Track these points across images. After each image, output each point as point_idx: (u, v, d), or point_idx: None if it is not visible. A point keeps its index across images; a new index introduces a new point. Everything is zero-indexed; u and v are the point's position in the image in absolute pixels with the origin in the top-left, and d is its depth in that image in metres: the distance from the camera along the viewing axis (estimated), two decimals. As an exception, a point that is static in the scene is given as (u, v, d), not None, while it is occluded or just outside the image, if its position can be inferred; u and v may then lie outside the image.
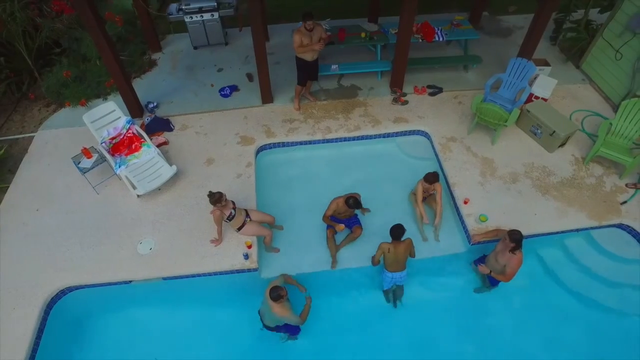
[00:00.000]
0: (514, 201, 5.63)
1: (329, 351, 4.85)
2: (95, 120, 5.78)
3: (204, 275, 5.08)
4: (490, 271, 4.66)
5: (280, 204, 5.82)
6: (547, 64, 7.08)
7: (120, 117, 5.97)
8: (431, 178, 5.18)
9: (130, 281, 5.11)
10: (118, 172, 5.61)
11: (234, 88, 7.18)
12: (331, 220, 5.24)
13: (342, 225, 5.15)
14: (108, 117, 5.89)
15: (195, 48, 8.09)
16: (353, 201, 4.86)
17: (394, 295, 5.14)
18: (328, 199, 5.20)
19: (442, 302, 5.20)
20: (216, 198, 4.74)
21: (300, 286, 4.83)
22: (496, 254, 4.64)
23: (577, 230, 5.49)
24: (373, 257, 4.83)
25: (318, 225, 5.49)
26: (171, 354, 4.84)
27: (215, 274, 5.08)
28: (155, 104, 6.86)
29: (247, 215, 5.19)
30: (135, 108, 6.65)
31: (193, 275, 5.08)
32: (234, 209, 5.02)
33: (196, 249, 5.15)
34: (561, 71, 7.43)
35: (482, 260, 5.02)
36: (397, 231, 4.59)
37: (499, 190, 5.75)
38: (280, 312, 4.29)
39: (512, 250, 4.46)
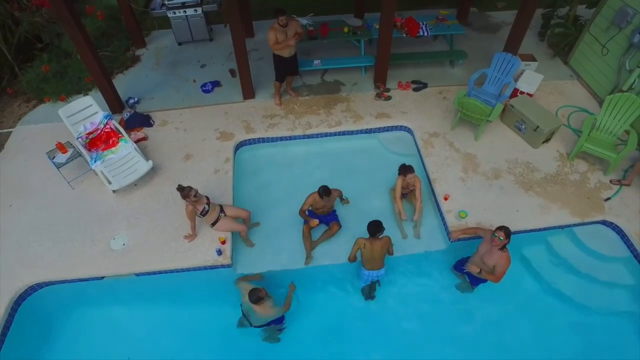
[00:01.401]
0: (495, 197, 5.52)
1: (304, 349, 4.75)
2: (71, 115, 5.71)
3: (177, 271, 4.99)
4: (480, 270, 4.51)
5: (258, 200, 5.73)
6: (533, 59, 6.99)
7: (97, 112, 5.90)
8: (405, 170, 5.08)
9: (103, 277, 5.03)
10: (93, 167, 5.53)
11: (216, 84, 7.10)
12: (307, 215, 5.15)
13: (316, 221, 5.06)
14: (85, 111, 5.82)
15: (179, 44, 8.03)
16: (323, 190, 4.78)
17: (369, 289, 5.03)
18: (306, 195, 5.11)
19: (421, 300, 5.08)
20: (185, 192, 4.65)
21: (257, 276, 4.81)
22: (482, 256, 4.47)
23: (561, 227, 5.38)
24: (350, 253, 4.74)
25: (296, 221, 5.39)
26: (145, 352, 4.75)
27: (188, 270, 4.99)
28: (136, 99, 6.79)
29: (222, 210, 5.10)
30: (115, 104, 6.58)
31: (166, 271, 4.99)
32: (208, 204, 4.93)
33: (169, 245, 5.07)
34: (549, 67, 7.34)
35: (462, 264, 4.89)
36: (374, 228, 4.47)
37: (480, 187, 5.65)
38: (264, 312, 4.22)
39: (502, 248, 4.35)
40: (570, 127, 6.42)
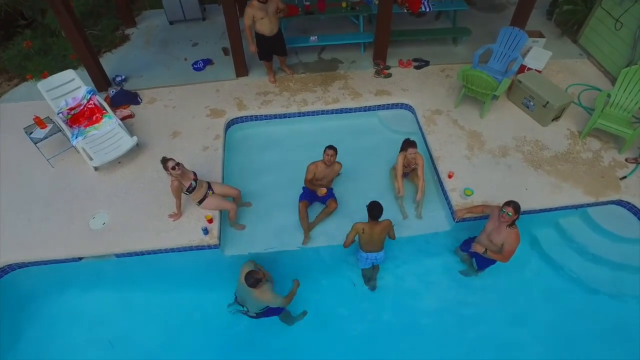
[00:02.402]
0: (503, 176, 5.16)
1: (300, 332, 4.41)
2: (51, 89, 5.37)
3: (160, 252, 4.64)
4: (486, 249, 4.15)
5: (250, 180, 5.38)
6: (541, 35, 6.64)
7: (80, 87, 5.56)
8: (407, 145, 4.75)
9: (81, 258, 4.68)
10: (75, 143, 5.19)
11: (207, 62, 6.77)
12: (303, 194, 4.85)
13: (324, 189, 4.69)
14: (66, 86, 5.49)
15: (171, 23, 7.69)
16: (329, 147, 4.57)
17: (370, 276, 4.67)
18: (301, 175, 4.81)
19: (423, 283, 4.73)
20: (169, 165, 4.32)
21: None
22: (489, 235, 4.13)
23: (576, 207, 5.01)
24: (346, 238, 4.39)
25: (290, 201, 5.05)
26: (126, 338, 4.41)
27: (172, 250, 4.64)
28: (123, 77, 6.46)
29: (210, 188, 4.76)
30: (101, 82, 6.24)
31: (149, 252, 4.64)
32: (195, 180, 4.59)
33: (153, 224, 4.72)
34: (557, 46, 6.98)
35: (468, 244, 4.54)
36: (374, 210, 4.11)
37: (487, 165, 5.29)
38: (262, 296, 3.90)
39: (511, 225, 3.98)
40: (581, 104, 6.06)
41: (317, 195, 4.97)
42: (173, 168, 4.35)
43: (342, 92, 6.18)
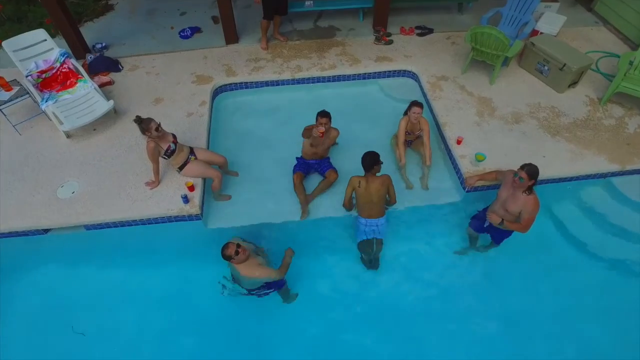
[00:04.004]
0: (517, 142, 4.67)
1: (295, 314, 3.90)
2: (19, 49, 4.87)
3: (135, 223, 4.14)
4: (502, 220, 3.64)
5: (238, 149, 4.90)
6: (554, 0, 6.16)
7: (52, 49, 5.06)
8: (414, 104, 4.27)
9: (47, 231, 4.18)
10: (44, 107, 4.70)
11: (195, 29, 6.29)
12: (297, 163, 4.44)
13: (322, 128, 4.03)
14: (37, 47, 4.99)
15: (158, -7, 7.24)
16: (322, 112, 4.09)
17: (370, 253, 4.15)
18: (295, 146, 4.43)
19: (431, 259, 4.22)
20: (145, 124, 3.85)
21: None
22: (503, 203, 3.63)
23: (601, 176, 4.52)
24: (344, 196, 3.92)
25: (282, 172, 4.59)
26: (94, 322, 3.89)
27: (148, 222, 4.14)
28: (103, 44, 5.98)
29: (192, 153, 4.27)
30: (79, 49, 5.76)
31: (122, 224, 4.14)
32: (175, 143, 4.10)
33: (127, 192, 4.22)
34: (571, 14, 6.45)
35: (478, 220, 4.04)
36: (369, 160, 3.66)
37: (499, 131, 4.80)
38: (249, 272, 3.44)
39: (528, 190, 3.49)
40: (599, 71, 5.57)
41: (313, 167, 4.51)
42: (157, 129, 3.87)
43: (339, 59, 5.70)
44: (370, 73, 5.60)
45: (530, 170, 3.43)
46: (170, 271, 4.16)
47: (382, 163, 3.72)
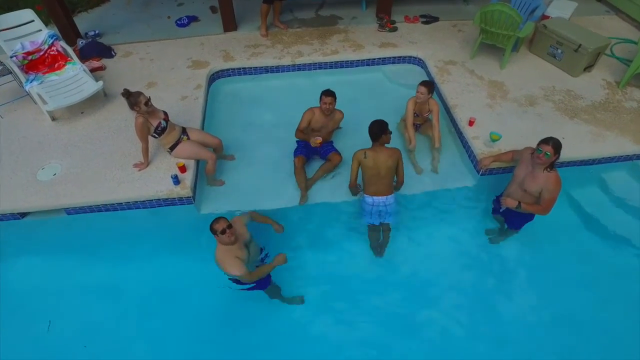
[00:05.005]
0: (533, 124, 4.36)
1: (295, 310, 3.50)
2: (4, 29, 4.62)
3: (121, 207, 3.79)
4: (519, 203, 3.31)
5: (235, 134, 4.59)
6: (564, -14, 5.97)
7: (41, 30, 4.82)
8: (426, 84, 3.99)
9: (24, 216, 3.83)
10: (28, 87, 4.42)
11: (193, 18, 6.08)
12: (298, 147, 4.14)
13: (319, 139, 3.89)
14: (24, 28, 4.74)
15: (155, -13, 7.08)
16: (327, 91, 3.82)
17: (378, 237, 3.79)
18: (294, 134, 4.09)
19: (441, 248, 3.85)
20: (133, 98, 3.57)
21: (274, 223, 3.50)
22: (521, 183, 3.32)
23: (629, 157, 4.21)
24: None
25: (283, 157, 4.27)
26: (73, 319, 3.48)
27: (135, 206, 3.79)
28: (97, 32, 5.76)
29: (185, 132, 3.96)
30: (70, 35, 5.52)
31: (106, 207, 3.79)
32: (166, 120, 3.80)
33: (113, 174, 3.89)
34: (580, 5, 6.24)
35: (499, 203, 3.69)
36: (376, 128, 3.36)
37: (513, 113, 4.50)
38: (220, 259, 3.06)
39: (549, 167, 3.17)
40: (614, 55, 5.32)
41: (315, 150, 4.18)
42: (146, 104, 3.58)
43: (342, 45, 5.46)
44: (374, 59, 5.35)
45: (557, 144, 3.13)
46: (160, 263, 3.76)
47: (390, 133, 3.41)
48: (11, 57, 4.57)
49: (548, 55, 5.18)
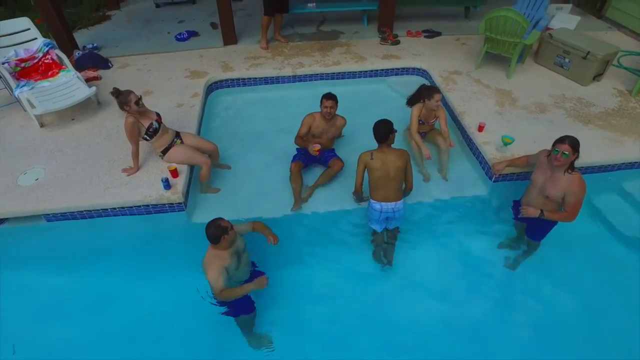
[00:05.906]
0: (545, 130, 4.14)
1: (290, 324, 3.12)
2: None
3: (106, 213, 3.49)
4: (542, 211, 3.01)
5: (232, 144, 4.37)
6: (566, 1, 5.97)
7: (36, 39, 4.73)
8: (426, 92, 3.81)
9: (1, 222, 3.53)
10: (17, 93, 4.25)
11: (192, 33, 6.04)
12: (297, 155, 3.92)
13: (318, 146, 3.70)
14: (19, 35, 4.65)
15: (157, 6, 7.13)
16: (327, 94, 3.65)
17: (384, 250, 3.46)
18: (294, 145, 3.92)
19: (451, 261, 3.50)
20: (124, 97, 3.37)
21: (269, 234, 3.08)
22: (541, 189, 3.03)
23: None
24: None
25: (279, 167, 4.04)
26: (45, 337, 3.09)
27: (121, 212, 3.49)
28: (95, 44, 5.69)
29: (178, 136, 3.74)
30: (67, 46, 5.44)
31: (90, 214, 3.49)
32: (159, 122, 3.58)
33: (100, 179, 3.62)
34: (581, 22, 6.27)
35: (517, 210, 3.38)
36: (382, 128, 3.12)
37: (523, 119, 4.30)
38: (207, 261, 2.75)
39: (570, 168, 2.91)
40: (622, 66, 5.20)
41: (314, 158, 3.94)
42: (137, 103, 3.38)
43: (344, 56, 5.36)
44: (377, 70, 5.23)
45: (574, 141, 2.87)
46: (146, 276, 3.41)
47: (396, 131, 3.17)
48: (2, 63, 4.44)
49: (555, 65, 5.06)
